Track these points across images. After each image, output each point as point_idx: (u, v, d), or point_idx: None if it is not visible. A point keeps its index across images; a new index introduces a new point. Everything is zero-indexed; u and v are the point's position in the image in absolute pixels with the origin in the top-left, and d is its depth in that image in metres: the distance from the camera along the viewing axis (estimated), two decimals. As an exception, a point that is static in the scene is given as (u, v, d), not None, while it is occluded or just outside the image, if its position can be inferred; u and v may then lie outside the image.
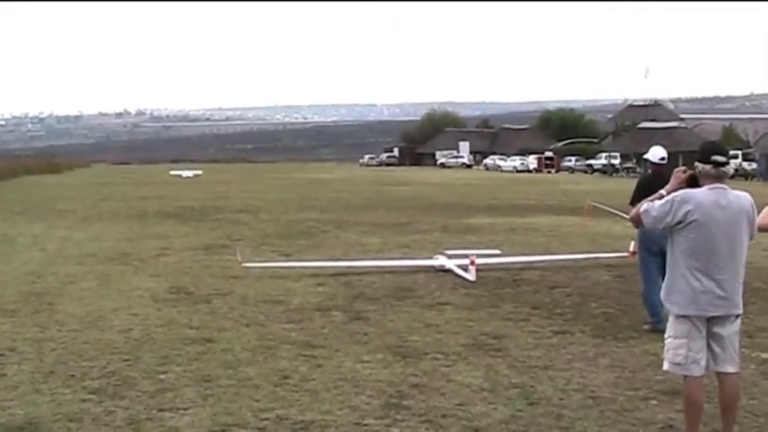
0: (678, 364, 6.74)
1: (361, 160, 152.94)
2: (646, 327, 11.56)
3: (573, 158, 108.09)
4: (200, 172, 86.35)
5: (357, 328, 11.73)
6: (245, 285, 15.35)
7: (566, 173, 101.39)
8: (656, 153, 12.04)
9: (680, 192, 6.73)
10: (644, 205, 6.82)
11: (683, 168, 6.97)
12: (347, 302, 13.70)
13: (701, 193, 6.67)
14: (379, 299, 14.02)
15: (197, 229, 26.55)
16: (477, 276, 15.70)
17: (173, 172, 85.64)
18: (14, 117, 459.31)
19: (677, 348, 6.72)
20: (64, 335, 11.29)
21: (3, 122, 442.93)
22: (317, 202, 40.18)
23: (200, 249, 21.02)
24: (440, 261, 17.40)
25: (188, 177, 77.46)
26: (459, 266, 16.51)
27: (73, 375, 9.27)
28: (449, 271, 16.69)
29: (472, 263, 16.00)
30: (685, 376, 6.77)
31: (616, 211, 22.13)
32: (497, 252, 19.20)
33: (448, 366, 9.63)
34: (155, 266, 18.14)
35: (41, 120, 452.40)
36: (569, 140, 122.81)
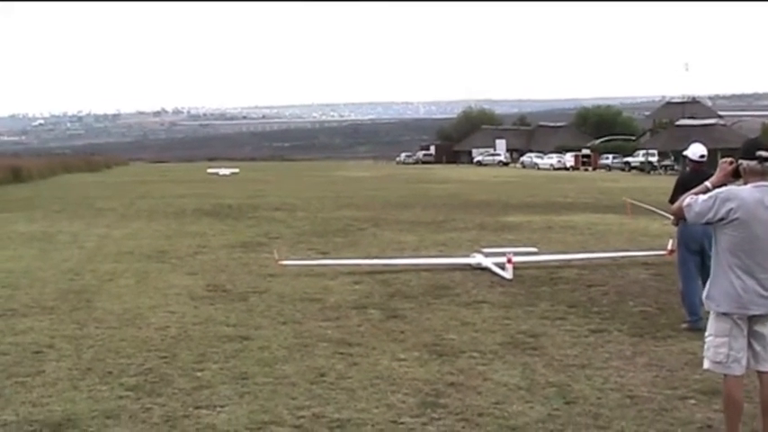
0: (719, 362, 6.66)
1: (397, 158, 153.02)
2: (684, 325, 11.47)
3: (610, 156, 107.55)
4: (237, 170, 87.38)
5: (393, 326, 11.71)
6: (281, 283, 15.37)
7: (603, 170, 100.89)
8: (696, 150, 11.92)
9: (724, 189, 6.64)
10: (687, 199, 6.73)
11: (729, 159, 6.86)
12: (384, 300, 13.69)
13: (745, 190, 6.58)
14: (416, 297, 14.00)
15: (234, 227, 26.62)
16: (513, 274, 15.69)
17: (210, 170, 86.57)
18: (53, 116, 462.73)
19: (718, 347, 6.64)
20: (102, 332, 11.34)
21: (42, 121, 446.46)
22: (354, 200, 40.19)
23: (237, 247, 21.07)
24: (477, 259, 17.45)
25: (225, 175, 78.14)
26: (497, 264, 16.48)
27: (110, 372, 9.31)
28: (486, 269, 16.67)
29: (509, 261, 15.94)
30: (725, 375, 6.69)
31: (656, 209, 21.99)
32: (534, 250, 19.15)
33: (484, 365, 9.59)
34: (192, 264, 18.20)
35: (80, 118, 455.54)
36: (607, 138, 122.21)
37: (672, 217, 9.98)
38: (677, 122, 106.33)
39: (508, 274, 15.74)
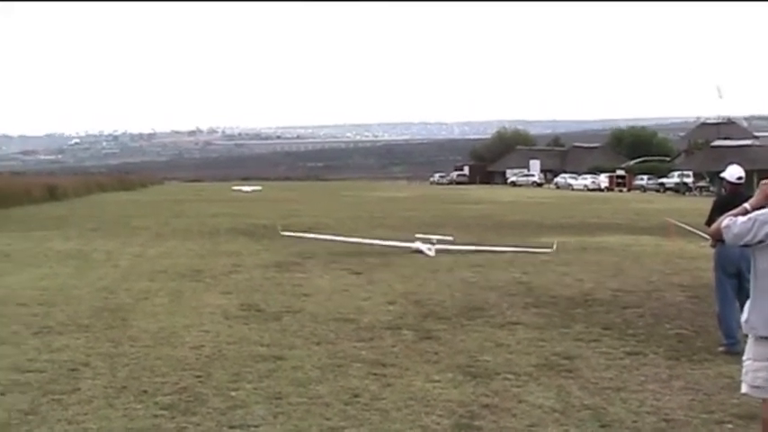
0: (757, 387, 6.58)
1: (431, 178, 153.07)
2: (720, 349, 11.38)
3: (645, 177, 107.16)
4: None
5: (427, 347, 11.67)
6: (315, 303, 15.37)
7: (637, 191, 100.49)
8: (734, 172, 11.81)
9: (764, 210, 6.57)
10: (725, 220, 6.67)
11: None
12: (417, 321, 13.66)
13: (785, 213, 6.51)
14: (450, 318, 13.96)
15: (268, 246, 26.66)
16: (546, 298, 15.69)
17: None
18: (89, 135, 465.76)
19: (756, 371, 6.57)
20: (137, 350, 11.37)
21: (78, 140, 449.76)
22: (388, 221, 40.19)
23: (271, 267, 21.10)
24: (416, 245, 24.52)
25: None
26: (427, 248, 23.94)
27: (145, 391, 9.33)
28: (420, 251, 23.92)
29: (433, 244, 24.06)
30: (764, 400, 6.62)
31: (696, 230, 21.87)
32: (450, 239, 25.53)
33: (519, 387, 9.54)
34: (226, 283, 18.24)
35: (116, 138, 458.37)
36: (641, 159, 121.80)
37: (710, 239, 9.92)
38: (712, 143, 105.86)
39: (432, 254, 23.49)
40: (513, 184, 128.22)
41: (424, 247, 24.06)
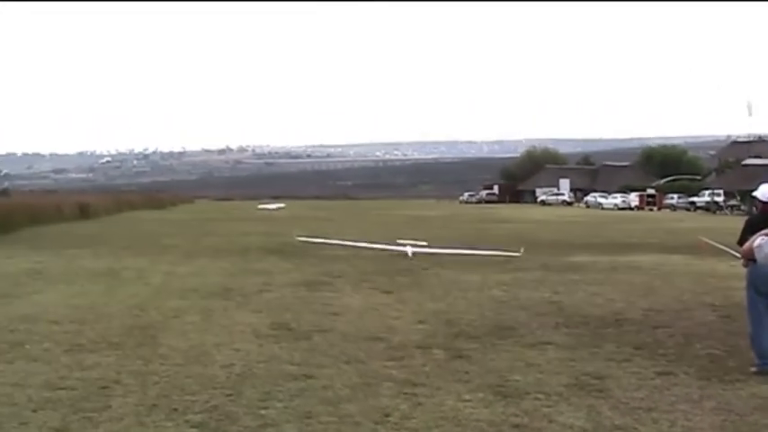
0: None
1: (460, 197, 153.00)
2: (753, 369, 11.30)
3: (675, 196, 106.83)
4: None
5: (458, 366, 11.65)
6: (345, 322, 15.38)
7: (668, 210, 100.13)
8: (765, 191, 11.72)
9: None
10: (758, 239, 6.67)
11: None
12: (448, 340, 13.64)
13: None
14: (480, 337, 13.93)
15: (298, 265, 26.70)
16: (577, 317, 15.66)
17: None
18: (120, 153, 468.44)
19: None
20: (167, 368, 11.41)
21: (109, 158, 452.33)
22: (417, 239, 40.12)
23: (302, 285, 21.13)
24: (403, 248, 30.38)
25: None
26: (412, 251, 29.61)
27: (176, 409, 9.36)
28: (405, 253, 29.57)
29: (413, 247, 30.34)
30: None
31: (728, 249, 21.77)
32: (425, 243, 32.30)
33: (549, 407, 9.51)
34: (256, 302, 18.27)
35: (146, 156, 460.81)
36: (672, 177, 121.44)
37: (741, 258, 9.88)
38: (743, 162, 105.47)
39: (410, 254, 29.21)
40: (543, 202, 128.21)
41: (408, 249, 30.06)
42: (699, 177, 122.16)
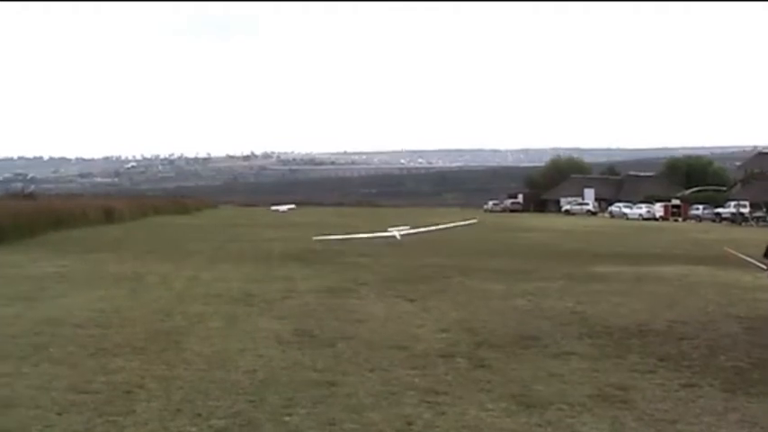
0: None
1: (485, 206, 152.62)
2: (778, 382, 11.25)
3: (700, 206, 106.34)
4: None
5: (481, 375, 11.64)
6: (369, 330, 15.38)
7: (693, 221, 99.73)
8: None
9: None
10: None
11: None
12: (471, 349, 13.62)
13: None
14: (503, 346, 13.90)
15: (321, 271, 26.74)
16: (600, 328, 15.64)
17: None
18: (145, 158, 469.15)
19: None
20: (191, 374, 11.44)
21: (134, 163, 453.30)
22: (442, 247, 40.14)
23: (325, 292, 21.15)
24: (392, 233, 40.55)
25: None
26: (399, 234, 40.12)
27: (199, 414, 9.38)
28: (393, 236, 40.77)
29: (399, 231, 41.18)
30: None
31: (754, 261, 21.66)
32: (407, 227, 43.60)
33: (572, 417, 9.49)
34: (279, 308, 18.30)
35: (171, 161, 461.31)
36: (697, 188, 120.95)
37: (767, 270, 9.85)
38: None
39: (399, 237, 39.68)
40: (567, 212, 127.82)
41: (396, 232, 41.08)
42: (724, 188, 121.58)
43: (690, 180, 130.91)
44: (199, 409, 9.62)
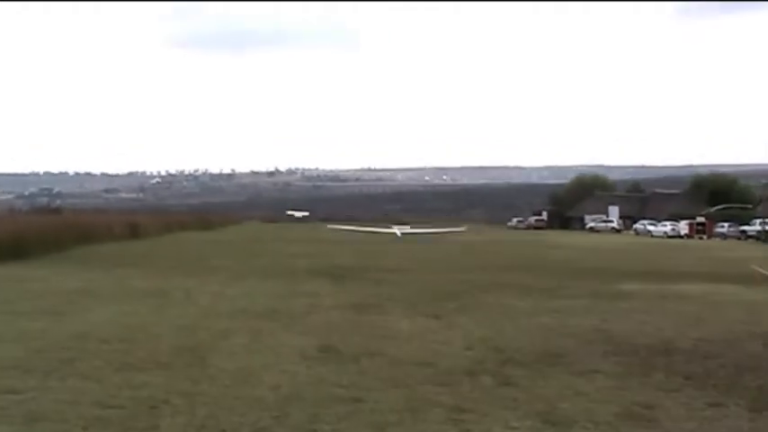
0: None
1: (509, 223, 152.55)
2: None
3: (726, 224, 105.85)
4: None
5: (506, 393, 11.59)
6: (393, 346, 15.35)
7: (718, 239, 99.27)
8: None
9: None
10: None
11: None
12: (496, 366, 13.57)
13: None
14: (529, 364, 13.85)
15: (346, 287, 26.75)
16: (626, 346, 15.57)
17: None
18: (170, 174, 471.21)
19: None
20: (215, 389, 11.45)
21: (159, 179, 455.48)
22: (466, 265, 40.11)
23: (349, 308, 21.14)
24: (394, 230, 68.04)
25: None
26: (399, 232, 66.19)
27: (224, 430, 9.39)
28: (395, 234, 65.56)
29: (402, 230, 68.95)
30: None
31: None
32: (408, 227, 66.67)
33: (599, 435, 9.45)
34: (304, 324, 18.31)
35: (196, 177, 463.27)
36: (722, 206, 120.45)
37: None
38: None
39: (399, 234, 66.08)
40: (592, 229, 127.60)
41: (397, 230, 45.56)
42: (750, 206, 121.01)
43: (715, 198, 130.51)
44: (223, 424, 9.62)
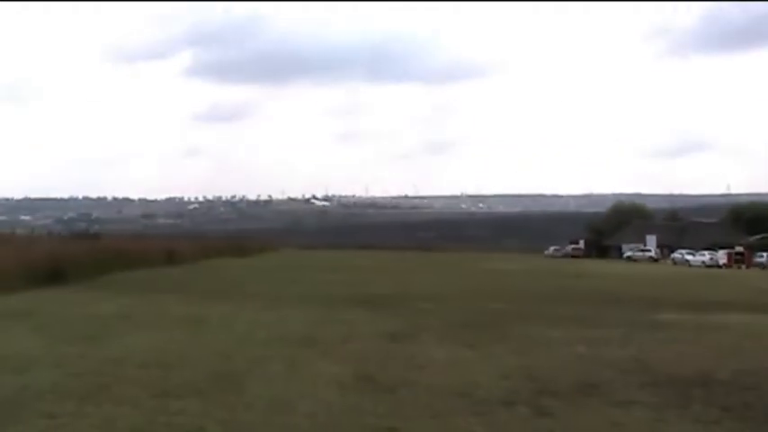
0: None
1: (546, 251, 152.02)
2: None
3: (765, 254, 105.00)
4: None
5: (542, 423, 11.53)
6: (430, 375, 15.32)
7: (757, 269, 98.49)
8: None
9: None
10: None
11: None
12: (532, 396, 13.51)
13: None
14: (565, 394, 13.78)
15: (383, 316, 26.70)
16: (663, 377, 15.49)
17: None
18: (208, 200, 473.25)
19: None
20: (251, 416, 11.46)
21: (197, 205, 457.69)
22: (503, 293, 40.01)
23: (386, 337, 21.11)
24: None
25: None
26: None
27: (260, 458, 9.39)
28: None
29: None
30: None
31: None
32: None
33: (636, 467, 9.39)
34: (340, 352, 18.30)
35: (233, 203, 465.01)
36: (761, 235, 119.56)
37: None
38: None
39: None
40: (629, 258, 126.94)
41: None
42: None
43: (754, 226, 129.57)
44: (259, 452, 9.63)
